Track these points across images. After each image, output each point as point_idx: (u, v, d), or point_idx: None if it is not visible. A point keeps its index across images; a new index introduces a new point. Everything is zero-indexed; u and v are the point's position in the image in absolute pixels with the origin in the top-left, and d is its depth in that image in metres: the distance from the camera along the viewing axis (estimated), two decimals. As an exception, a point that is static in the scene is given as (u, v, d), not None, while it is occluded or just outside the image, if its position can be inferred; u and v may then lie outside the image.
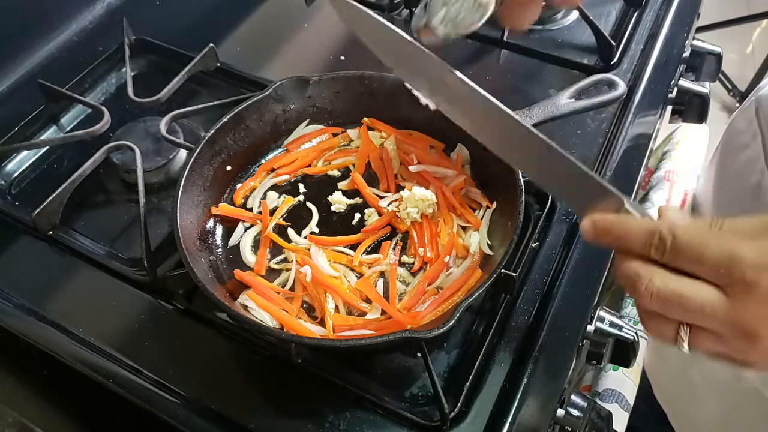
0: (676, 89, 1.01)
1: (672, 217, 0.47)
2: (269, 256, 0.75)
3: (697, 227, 0.45)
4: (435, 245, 0.75)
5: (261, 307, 0.69)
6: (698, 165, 0.97)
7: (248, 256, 0.75)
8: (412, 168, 0.81)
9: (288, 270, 0.73)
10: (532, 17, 0.69)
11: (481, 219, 0.76)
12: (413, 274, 0.73)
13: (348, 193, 0.81)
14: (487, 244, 0.74)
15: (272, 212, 0.78)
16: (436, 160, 0.82)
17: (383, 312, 0.70)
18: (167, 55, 0.98)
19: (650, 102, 0.91)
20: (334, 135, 0.86)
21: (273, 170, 0.83)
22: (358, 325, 0.68)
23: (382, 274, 0.74)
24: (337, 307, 0.70)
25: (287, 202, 0.79)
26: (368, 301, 0.71)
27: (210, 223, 0.77)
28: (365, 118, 0.85)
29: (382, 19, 0.58)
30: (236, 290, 0.72)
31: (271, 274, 0.74)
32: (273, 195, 0.81)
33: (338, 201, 0.79)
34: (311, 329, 0.68)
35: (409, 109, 0.83)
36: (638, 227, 0.47)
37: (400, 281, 0.73)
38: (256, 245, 0.76)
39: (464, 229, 0.77)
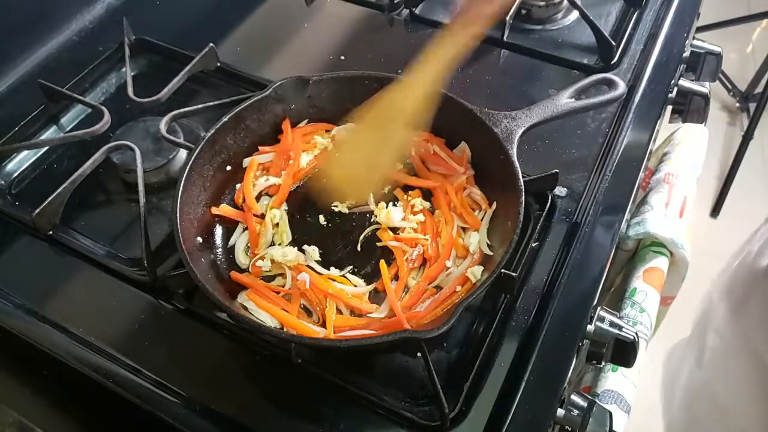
0: (676, 89, 1.01)
1: None
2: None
3: None
4: (435, 244, 0.75)
5: (260, 308, 0.69)
6: (698, 169, 0.97)
7: (241, 259, 0.75)
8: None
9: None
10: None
11: (482, 219, 0.76)
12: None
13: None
14: (487, 244, 0.74)
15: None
16: (442, 158, 0.81)
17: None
18: (167, 55, 0.98)
19: (650, 102, 0.91)
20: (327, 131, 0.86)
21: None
22: (359, 325, 0.68)
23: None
24: (340, 311, 0.70)
25: (269, 216, 0.77)
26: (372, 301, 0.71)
27: (210, 223, 0.77)
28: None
29: None
30: (236, 290, 0.71)
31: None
32: (266, 200, 0.80)
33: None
34: (313, 328, 0.68)
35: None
36: None
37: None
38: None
39: (464, 229, 0.77)
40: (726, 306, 0.92)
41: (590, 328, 0.70)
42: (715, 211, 2.26)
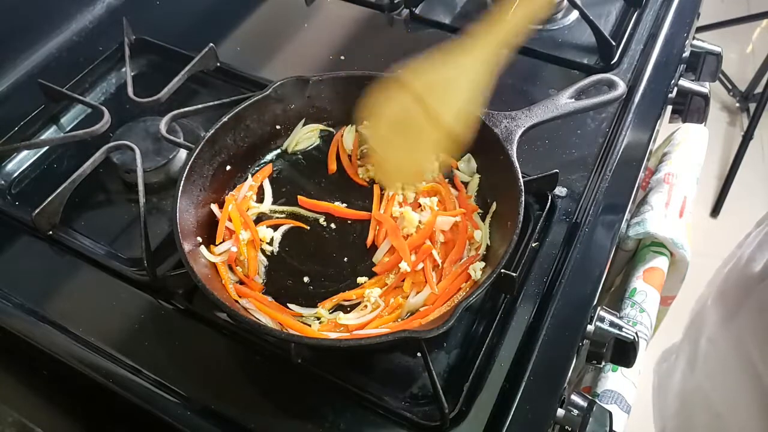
0: (676, 89, 1.01)
1: None
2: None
3: None
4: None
5: (260, 310, 0.69)
6: (698, 169, 0.97)
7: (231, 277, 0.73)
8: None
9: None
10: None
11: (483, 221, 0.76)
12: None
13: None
14: (487, 244, 0.74)
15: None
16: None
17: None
18: (167, 55, 0.98)
19: (650, 102, 0.91)
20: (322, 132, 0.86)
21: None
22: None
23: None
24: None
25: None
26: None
27: (210, 223, 0.77)
28: None
29: None
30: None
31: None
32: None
33: None
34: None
35: (409, 109, 0.83)
36: None
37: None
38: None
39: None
40: (718, 311, 0.92)
41: (590, 328, 0.70)
42: (715, 211, 2.26)
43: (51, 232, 0.78)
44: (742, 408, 0.86)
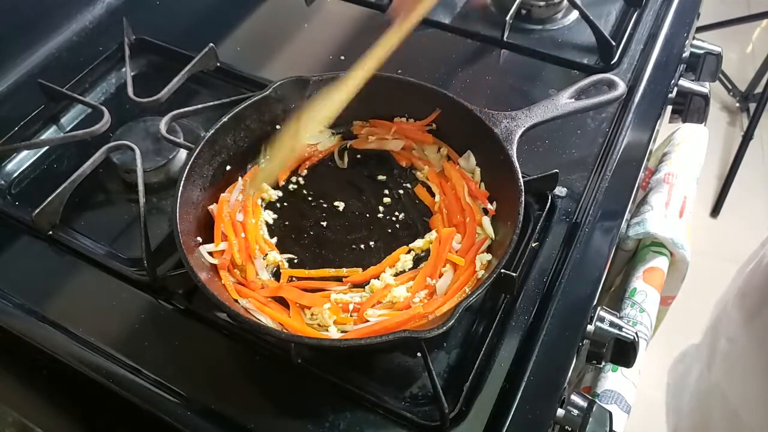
0: (676, 89, 1.01)
1: None
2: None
3: None
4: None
5: (260, 310, 0.69)
6: (698, 169, 0.97)
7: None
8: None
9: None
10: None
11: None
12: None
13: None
14: (492, 239, 0.74)
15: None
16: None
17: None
18: (167, 55, 0.98)
19: (650, 102, 0.91)
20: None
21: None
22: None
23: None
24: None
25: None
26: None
27: (210, 223, 0.77)
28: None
29: None
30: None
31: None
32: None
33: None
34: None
35: (409, 109, 0.83)
36: None
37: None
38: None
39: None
40: (740, 311, 0.91)
41: (590, 328, 0.70)
42: (715, 211, 2.26)
43: (51, 232, 0.78)
44: (760, 406, 0.86)
